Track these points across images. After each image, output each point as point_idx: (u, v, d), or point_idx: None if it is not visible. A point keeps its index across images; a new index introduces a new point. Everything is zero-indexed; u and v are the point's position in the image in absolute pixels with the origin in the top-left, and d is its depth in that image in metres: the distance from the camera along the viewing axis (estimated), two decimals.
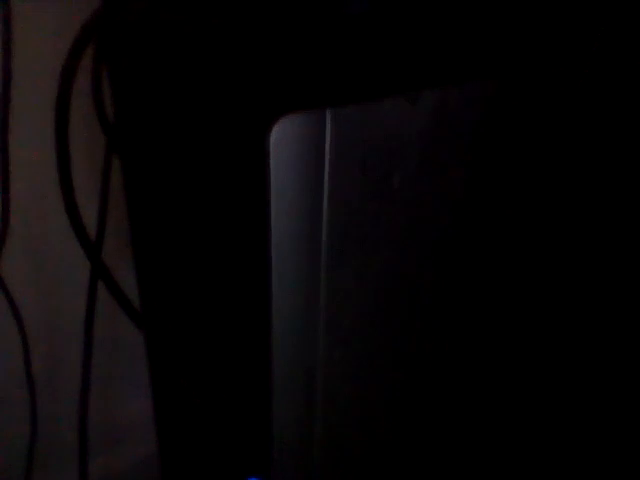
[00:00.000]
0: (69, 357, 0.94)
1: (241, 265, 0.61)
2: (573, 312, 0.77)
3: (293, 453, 0.64)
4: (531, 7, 0.68)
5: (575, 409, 0.80)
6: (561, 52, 0.66)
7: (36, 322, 0.92)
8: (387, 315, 0.64)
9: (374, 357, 0.66)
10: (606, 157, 0.71)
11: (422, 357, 0.70)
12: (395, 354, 0.68)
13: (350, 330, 0.62)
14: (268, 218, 0.52)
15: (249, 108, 0.55)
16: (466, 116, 0.59)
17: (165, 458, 0.99)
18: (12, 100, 0.79)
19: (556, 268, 0.75)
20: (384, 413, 0.71)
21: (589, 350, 0.78)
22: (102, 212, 0.87)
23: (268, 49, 0.60)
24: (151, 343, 0.93)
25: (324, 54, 0.59)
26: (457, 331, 0.72)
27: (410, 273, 0.63)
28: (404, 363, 0.69)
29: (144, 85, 0.72)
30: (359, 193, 0.55)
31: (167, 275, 0.81)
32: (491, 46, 0.64)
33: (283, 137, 0.50)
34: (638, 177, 0.71)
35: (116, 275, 0.90)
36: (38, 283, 0.92)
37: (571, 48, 0.67)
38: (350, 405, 0.67)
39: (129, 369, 1.02)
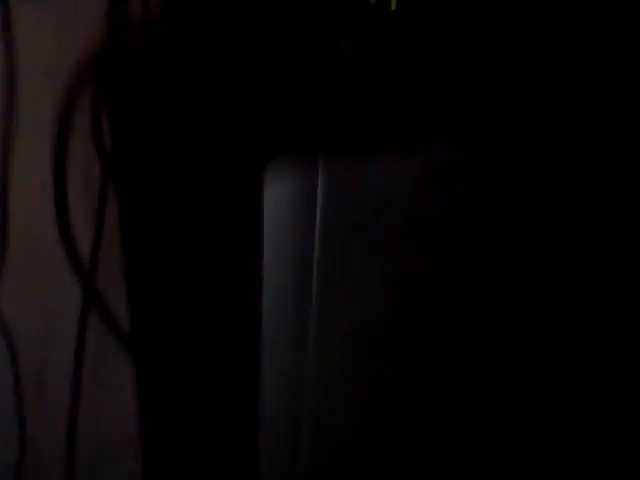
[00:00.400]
0: (58, 376, 0.96)
1: (232, 308, 0.63)
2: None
3: None
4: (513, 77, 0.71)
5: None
6: (542, 116, 0.69)
7: (27, 343, 0.93)
8: (375, 366, 0.66)
9: (361, 407, 0.68)
10: (582, 220, 0.74)
11: (408, 412, 0.72)
12: (382, 407, 0.70)
13: (338, 381, 0.64)
14: (260, 265, 0.55)
15: (243, 152, 0.57)
16: (452, 174, 0.61)
17: (150, 476, 1.01)
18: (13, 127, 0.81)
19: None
20: (370, 464, 0.73)
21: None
22: (97, 238, 0.88)
23: (262, 95, 0.62)
24: (140, 366, 0.95)
25: (311, 101, 0.62)
26: (444, 385, 0.74)
27: (397, 324, 0.65)
28: (390, 415, 0.71)
29: (142, 119, 0.75)
30: (349, 240, 0.58)
31: (158, 305, 0.83)
32: (472, 107, 0.67)
33: (276, 179, 0.53)
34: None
35: (107, 299, 0.92)
36: (31, 306, 0.93)
37: (551, 111, 0.70)
38: (337, 452, 0.69)
39: (118, 391, 1.03)
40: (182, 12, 0.83)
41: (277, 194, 0.54)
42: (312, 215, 0.56)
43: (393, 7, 0.75)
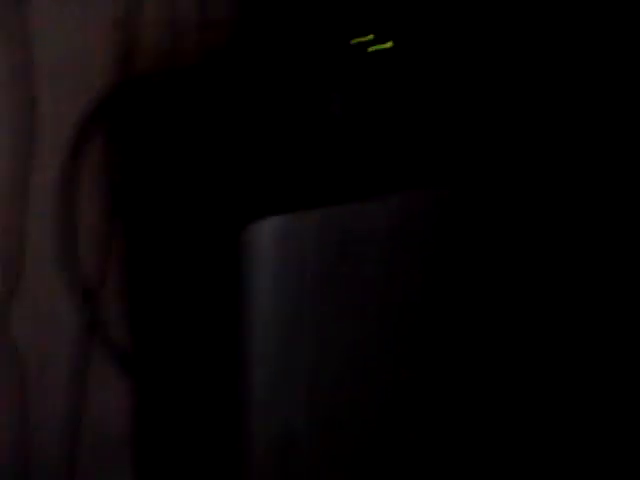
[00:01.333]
0: (58, 394, 0.99)
1: (219, 341, 0.68)
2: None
3: None
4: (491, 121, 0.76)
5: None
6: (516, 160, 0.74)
7: (30, 351, 0.96)
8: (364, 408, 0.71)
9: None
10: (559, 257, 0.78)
11: (401, 426, 0.76)
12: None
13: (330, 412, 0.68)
14: (243, 313, 0.59)
15: (226, 208, 0.62)
16: (427, 219, 0.66)
17: None
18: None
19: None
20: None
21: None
22: (102, 267, 0.93)
23: (253, 154, 0.67)
24: (139, 389, 0.99)
25: (303, 160, 0.67)
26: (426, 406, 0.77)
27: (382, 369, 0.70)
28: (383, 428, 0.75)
29: (149, 158, 0.80)
30: (327, 287, 0.63)
31: (156, 326, 0.88)
32: (451, 153, 0.71)
33: (257, 237, 0.57)
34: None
35: (109, 321, 0.96)
36: (37, 329, 0.97)
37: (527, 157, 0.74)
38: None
39: (117, 409, 1.07)
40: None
41: (257, 248, 0.59)
42: (296, 268, 0.61)
43: (372, 49, 0.80)
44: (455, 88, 0.78)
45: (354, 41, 0.80)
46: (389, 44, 0.80)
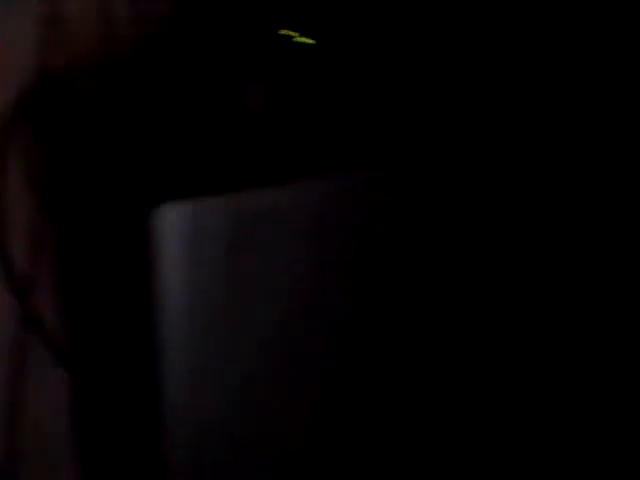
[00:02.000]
0: None
1: (135, 329, 0.69)
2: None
3: None
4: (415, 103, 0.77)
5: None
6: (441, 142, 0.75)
7: None
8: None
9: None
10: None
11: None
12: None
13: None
14: (153, 300, 0.61)
15: (137, 192, 0.63)
16: (346, 203, 0.67)
17: None
18: None
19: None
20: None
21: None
22: (33, 263, 0.93)
23: (165, 140, 0.68)
24: (75, 382, 0.99)
25: (217, 145, 0.68)
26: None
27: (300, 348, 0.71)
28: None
29: (69, 154, 0.80)
30: (241, 274, 0.64)
31: (87, 323, 0.89)
32: (370, 139, 0.73)
33: (165, 222, 0.59)
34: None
35: (44, 317, 0.96)
36: None
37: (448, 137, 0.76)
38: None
39: (53, 402, 1.07)
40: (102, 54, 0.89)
41: (166, 233, 0.60)
42: (201, 253, 0.63)
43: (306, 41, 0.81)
44: (374, 81, 0.79)
45: (281, 32, 0.82)
46: (311, 41, 0.82)
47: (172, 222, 0.59)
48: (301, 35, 0.83)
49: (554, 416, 0.86)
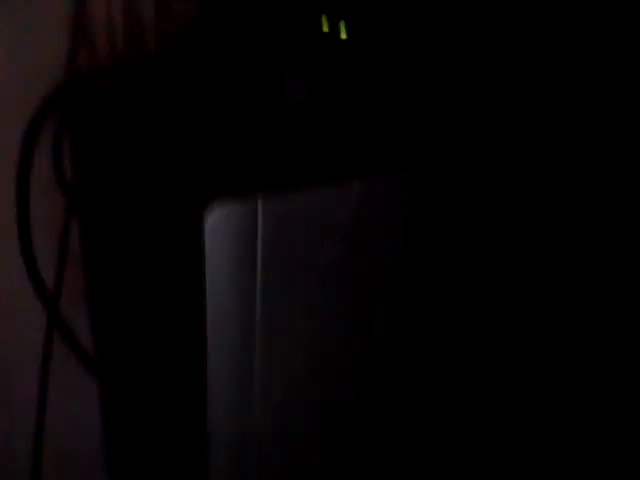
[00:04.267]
0: (24, 397, 0.98)
1: (180, 331, 0.66)
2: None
3: None
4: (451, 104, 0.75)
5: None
6: (479, 139, 0.73)
7: None
8: (321, 381, 0.69)
9: (310, 423, 0.71)
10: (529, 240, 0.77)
11: (359, 423, 0.75)
12: (333, 420, 0.73)
13: (284, 397, 0.67)
14: (204, 295, 0.58)
15: (187, 192, 0.60)
16: (390, 203, 0.65)
17: None
18: None
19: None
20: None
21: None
22: (60, 267, 0.91)
23: (208, 137, 0.65)
24: (104, 389, 0.97)
25: (261, 142, 0.65)
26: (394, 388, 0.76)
27: (344, 355, 0.69)
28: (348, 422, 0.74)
29: (101, 156, 0.78)
30: (289, 273, 0.61)
31: (117, 329, 0.86)
32: (416, 138, 0.70)
33: (217, 221, 0.56)
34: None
35: (71, 325, 0.94)
36: None
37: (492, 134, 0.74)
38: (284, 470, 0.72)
39: (82, 411, 1.05)
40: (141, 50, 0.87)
41: (217, 233, 0.57)
42: (253, 252, 0.60)
43: (343, 36, 0.79)
44: (421, 70, 0.77)
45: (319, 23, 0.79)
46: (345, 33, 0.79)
47: (221, 221, 0.56)
48: (339, 26, 0.80)
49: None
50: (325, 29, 0.78)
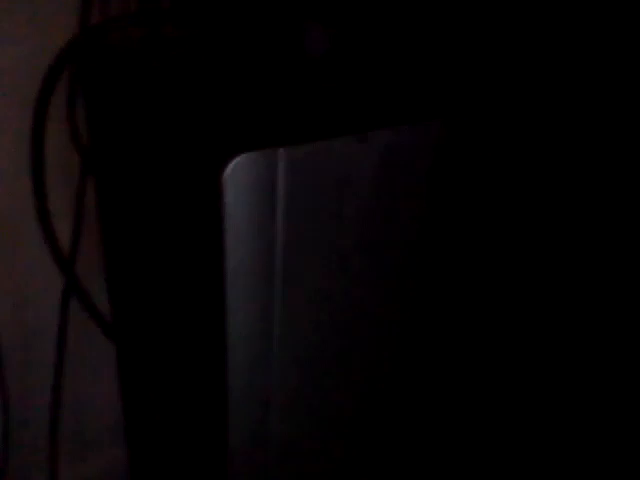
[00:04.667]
0: (42, 365, 0.97)
1: (199, 291, 0.65)
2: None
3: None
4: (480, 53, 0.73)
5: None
6: (507, 91, 0.71)
7: (10, 333, 0.95)
8: (342, 343, 0.68)
9: (328, 386, 0.70)
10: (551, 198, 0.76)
11: (377, 389, 0.74)
12: (351, 383, 0.71)
13: (305, 357, 0.66)
14: (223, 251, 0.56)
15: (207, 144, 0.59)
16: (416, 154, 0.63)
17: (134, 465, 1.03)
18: None
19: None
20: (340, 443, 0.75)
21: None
22: (76, 228, 0.90)
23: (227, 88, 0.64)
24: (121, 354, 0.97)
25: (281, 94, 0.64)
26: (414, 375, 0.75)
27: (365, 300, 0.67)
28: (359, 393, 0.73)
29: (115, 111, 0.76)
30: (311, 225, 0.60)
31: (136, 292, 0.85)
32: (441, 87, 0.68)
33: (237, 174, 0.54)
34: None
35: (88, 289, 0.93)
36: (13, 296, 0.95)
37: (517, 88, 0.72)
38: (305, 436, 0.71)
39: (99, 378, 1.05)
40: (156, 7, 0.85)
41: (238, 186, 0.56)
42: (274, 205, 0.58)
43: None
44: (443, 20, 0.75)
45: None
46: None
47: (242, 171, 0.55)
48: None
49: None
50: None
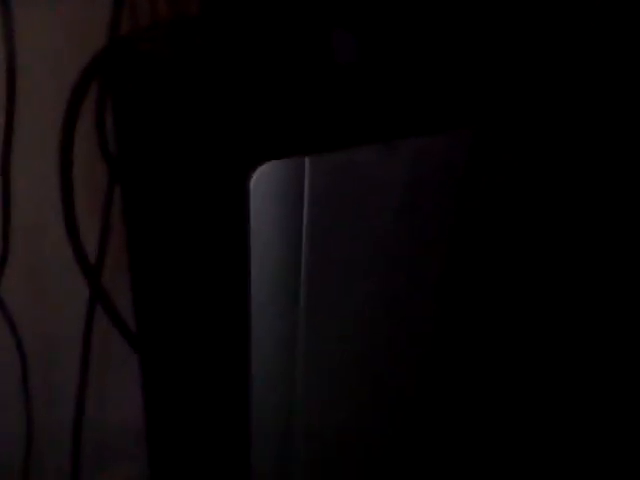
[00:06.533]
0: (66, 375, 0.97)
1: (223, 299, 0.64)
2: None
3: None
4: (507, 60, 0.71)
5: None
6: (535, 98, 0.70)
7: (34, 342, 0.95)
8: (366, 354, 0.67)
9: (352, 395, 0.69)
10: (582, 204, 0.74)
11: (402, 411, 0.72)
12: (374, 393, 0.70)
13: (329, 370, 0.65)
14: (248, 260, 0.56)
15: (233, 153, 0.58)
16: (445, 163, 0.62)
17: (155, 476, 1.02)
18: (15, 126, 0.83)
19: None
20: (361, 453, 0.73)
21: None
22: (103, 238, 0.90)
23: (254, 97, 0.63)
24: (145, 365, 0.96)
25: (308, 102, 0.63)
26: (439, 384, 0.74)
27: (389, 311, 0.66)
28: (384, 414, 0.72)
29: (144, 121, 0.76)
30: (337, 235, 0.59)
31: (161, 302, 0.84)
32: (470, 95, 0.67)
33: (263, 183, 0.54)
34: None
35: (113, 299, 0.93)
36: (37, 304, 0.95)
37: (544, 95, 0.70)
38: (329, 442, 0.69)
39: (123, 388, 1.05)
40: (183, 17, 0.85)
41: (264, 194, 0.55)
42: (299, 214, 0.57)
43: None
44: (474, 27, 0.73)
45: None
46: None
47: (268, 178, 0.54)
48: None
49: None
50: None
